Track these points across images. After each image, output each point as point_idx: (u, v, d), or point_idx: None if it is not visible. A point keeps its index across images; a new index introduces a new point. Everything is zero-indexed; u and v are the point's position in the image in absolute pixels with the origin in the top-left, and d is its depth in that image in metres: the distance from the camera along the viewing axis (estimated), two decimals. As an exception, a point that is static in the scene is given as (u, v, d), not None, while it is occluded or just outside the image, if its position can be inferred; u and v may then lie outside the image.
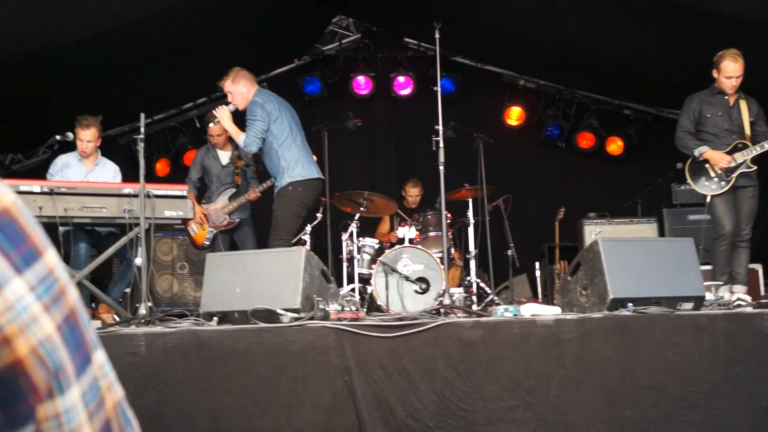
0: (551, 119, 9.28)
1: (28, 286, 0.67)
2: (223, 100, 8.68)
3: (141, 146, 4.96)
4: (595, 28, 7.16)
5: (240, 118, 6.22)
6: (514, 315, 4.53)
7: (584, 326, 4.21)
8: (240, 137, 5.96)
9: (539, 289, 7.75)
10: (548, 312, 4.70)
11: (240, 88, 6.05)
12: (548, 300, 7.46)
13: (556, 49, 7.95)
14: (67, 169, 6.03)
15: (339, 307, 4.42)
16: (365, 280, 6.94)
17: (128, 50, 6.86)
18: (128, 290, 6.03)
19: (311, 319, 4.27)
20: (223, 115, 6.01)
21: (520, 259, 7.56)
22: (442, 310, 4.85)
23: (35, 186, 5.01)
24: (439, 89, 5.29)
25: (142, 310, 4.60)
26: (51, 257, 0.70)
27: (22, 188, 4.96)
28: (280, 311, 4.34)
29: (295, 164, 5.93)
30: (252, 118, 5.90)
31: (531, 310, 4.68)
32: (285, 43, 8.82)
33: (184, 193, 5.50)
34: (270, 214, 6.07)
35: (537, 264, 7.77)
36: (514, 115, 9.30)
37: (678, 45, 6.94)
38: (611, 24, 7.00)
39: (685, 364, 4.14)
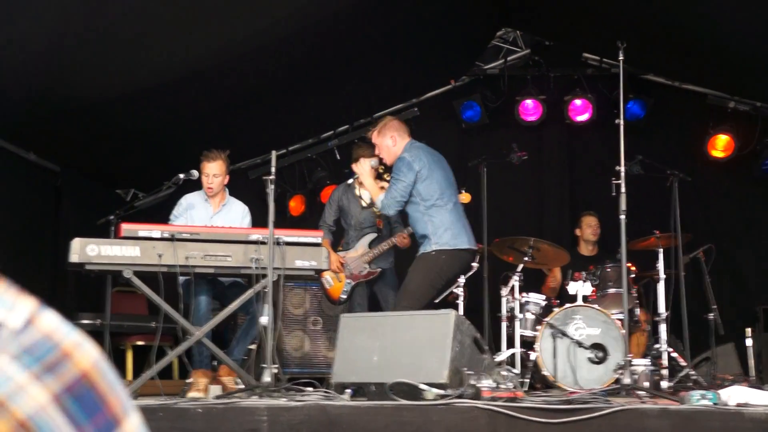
0: (770, 150, 8.85)
1: None
2: (367, 128, 8.95)
3: (271, 188, 5.16)
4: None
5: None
6: (714, 403, 4.34)
7: (809, 422, 3.97)
8: (378, 198, 6.25)
9: (751, 364, 7.36)
10: (760, 400, 4.45)
11: (386, 141, 6.26)
12: (764, 379, 7.08)
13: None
14: (191, 210, 6.31)
15: (493, 384, 4.38)
16: (528, 345, 6.85)
17: (261, 75, 7.18)
18: (254, 346, 6.24)
19: (460, 397, 4.28)
20: (363, 171, 6.42)
21: (725, 324, 7.24)
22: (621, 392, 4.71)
23: (155, 231, 5.30)
24: (621, 123, 5.16)
25: (267, 378, 4.74)
26: (131, 425, 0.74)
27: (141, 233, 5.26)
28: (422, 386, 4.36)
29: (444, 231, 6.07)
30: (396, 177, 6.11)
31: (737, 396, 4.46)
32: (440, 61, 8.93)
33: (319, 240, 5.65)
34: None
35: (749, 331, 7.40)
36: (721, 145, 8.95)
37: None
38: None
39: None
